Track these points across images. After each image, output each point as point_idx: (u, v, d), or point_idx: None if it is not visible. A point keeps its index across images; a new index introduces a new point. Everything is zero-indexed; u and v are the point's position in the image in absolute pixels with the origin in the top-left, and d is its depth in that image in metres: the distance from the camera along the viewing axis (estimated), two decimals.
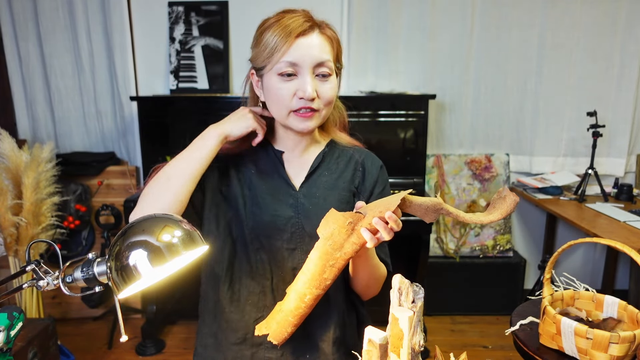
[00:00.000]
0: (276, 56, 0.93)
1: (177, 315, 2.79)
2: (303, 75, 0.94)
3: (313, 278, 0.82)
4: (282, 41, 0.92)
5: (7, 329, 0.73)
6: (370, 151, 1.14)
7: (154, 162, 2.56)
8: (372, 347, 0.63)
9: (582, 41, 2.64)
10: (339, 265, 0.82)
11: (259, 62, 0.97)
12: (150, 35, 2.70)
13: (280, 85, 0.94)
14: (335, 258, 0.81)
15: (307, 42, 0.94)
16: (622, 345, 0.96)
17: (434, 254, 2.76)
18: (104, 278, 0.69)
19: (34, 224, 2.25)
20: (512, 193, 0.84)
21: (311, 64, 0.94)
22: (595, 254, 2.94)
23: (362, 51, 2.67)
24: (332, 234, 0.80)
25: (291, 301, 0.85)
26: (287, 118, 0.97)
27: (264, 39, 0.95)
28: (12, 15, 2.65)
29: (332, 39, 0.99)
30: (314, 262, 0.82)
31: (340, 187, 1.05)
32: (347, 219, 0.80)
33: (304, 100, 0.94)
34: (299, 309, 0.84)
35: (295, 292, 0.84)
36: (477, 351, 2.47)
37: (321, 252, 0.81)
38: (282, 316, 0.86)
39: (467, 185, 2.79)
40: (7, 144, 2.24)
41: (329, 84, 0.96)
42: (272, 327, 0.88)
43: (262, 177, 1.04)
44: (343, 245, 0.81)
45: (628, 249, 1.00)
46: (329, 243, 0.80)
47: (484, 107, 2.76)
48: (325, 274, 0.81)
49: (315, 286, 0.82)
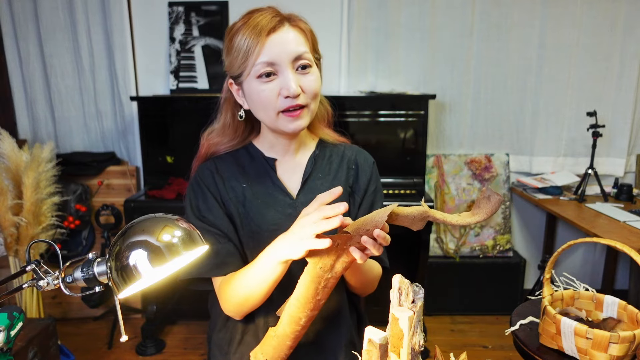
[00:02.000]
0: (251, 59, 0.89)
1: (177, 315, 2.79)
2: (283, 73, 0.90)
3: (307, 302, 0.81)
4: (254, 42, 0.88)
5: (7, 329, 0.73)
6: (360, 147, 1.11)
7: (154, 162, 2.59)
8: (372, 347, 0.63)
9: (582, 41, 2.64)
10: (331, 285, 0.81)
11: (234, 69, 0.93)
12: (150, 35, 2.70)
13: (262, 87, 0.90)
14: (326, 279, 0.80)
15: (280, 37, 0.90)
16: (622, 345, 0.96)
17: (434, 254, 2.76)
18: (104, 278, 0.69)
19: (34, 224, 2.25)
20: (495, 192, 0.83)
21: (289, 59, 0.90)
22: (595, 254, 2.94)
23: (362, 51, 2.67)
24: (322, 258, 0.79)
25: (286, 326, 0.83)
26: (276, 120, 0.93)
27: (235, 44, 0.91)
28: (12, 15, 2.65)
29: (305, 29, 0.95)
30: (306, 287, 0.80)
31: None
32: (335, 242, 0.78)
33: (290, 99, 0.90)
34: (295, 332, 0.83)
35: (289, 317, 0.83)
36: (477, 351, 2.47)
37: (312, 276, 0.80)
38: (278, 341, 0.85)
39: (467, 185, 2.79)
40: (7, 144, 2.23)
41: (310, 75, 0.93)
42: (270, 353, 0.86)
43: (256, 189, 1.00)
44: (333, 266, 0.80)
45: (628, 249, 1.00)
46: (319, 266, 0.79)
47: (484, 107, 2.76)
48: (318, 296, 0.81)
49: (309, 309, 0.81)
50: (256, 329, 1.01)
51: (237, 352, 1.03)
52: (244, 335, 1.02)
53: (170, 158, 2.55)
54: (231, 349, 1.03)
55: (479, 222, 0.85)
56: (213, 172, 1.01)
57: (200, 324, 2.76)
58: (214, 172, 1.01)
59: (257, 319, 1.01)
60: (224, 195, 0.99)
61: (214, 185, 1.00)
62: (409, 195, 2.42)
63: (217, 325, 1.07)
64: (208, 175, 1.01)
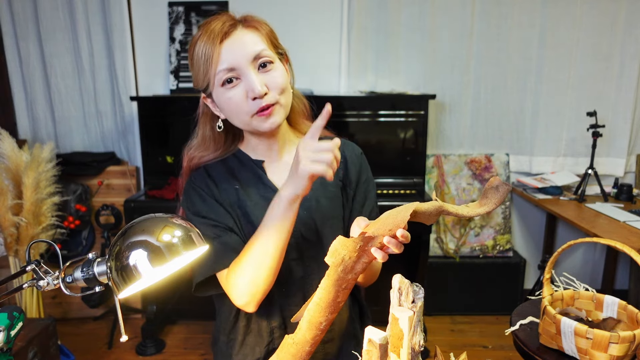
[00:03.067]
0: (212, 69, 0.89)
1: (177, 315, 2.79)
2: (245, 75, 0.89)
3: (328, 305, 0.79)
4: (210, 52, 0.88)
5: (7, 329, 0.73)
6: (346, 139, 1.10)
7: (154, 162, 2.59)
8: (372, 347, 0.63)
9: (582, 41, 2.64)
10: (351, 286, 0.81)
11: (200, 82, 0.93)
12: (150, 35, 2.70)
13: (229, 95, 0.90)
14: (347, 281, 0.79)
15: (234, 40, 0.89)
16: (622, 345, 0.96)
17: (434, 254, 2.76)
18: (104, 278, 0.69)
19: (34, 224, 2.25)
20: (504, 182, 0.83)
21: (247, 61, 0.89)
22: (595, 254, 2.94)
23: (362, 51, 2.67)
24: (343, 260, 0.78)
25: (306, 332, 0.81)
26: (250, 123, 0.93)
27: (195, 57, 0.91)
28: (12, 15, 2.65)
29: (259, 28, 0.93)
30: (327, 290, 0.79)
31: (328, 184, 1.02)
32: (357, 244, 0.77)
33: (258, 100, 0.90)
34: (315, 337, 0.82)
35: (308, 323, 0.81)
36: (477, 351, 2.47)
37: (333, 280, 0.78)
38: (297, 348, 0.83)
39: (467, 185, 2.79)
40: (7, 144, 2.24)
41: (274, 72, 0.92)
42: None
43: (248, 190, 1.00)
44: (354, 267, 0.79)
45: (628, 248, 1.00)
46: (340, 269, 0.78)
47: (484, 107, 2.76)
48: (339, 298, 0.80)
49: (330, 312, 0.80)
50: (259, 330, 1.02)
51: (240, 353, 1.03)
52: (245, 336, 1.02)
53: (170, 158, 2.55)
54: (233, 351, 1.03)
55: (488, 212, 0.85)
56: (204, 176, 1.02)
57: (200, 324, 2.76)
58: (206, 177, 1.01)
59: (259, 320, 1.01)
60: (218, 197, 0.99)
61: (208, 189, 1.00)
62: (408, 195, 2.42)
63: (220, 327, 1.07)
64: (201, 180, 1.01)
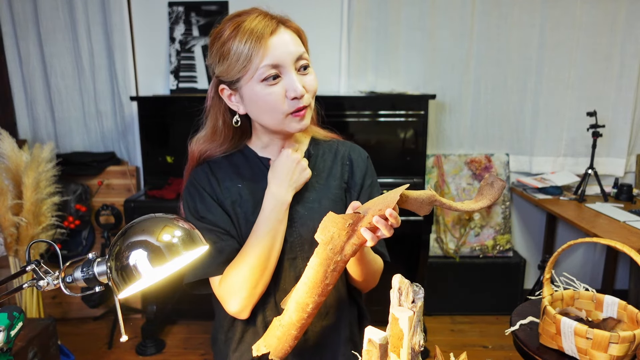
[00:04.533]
0: (254, 63, 0.88)
1: (177, 315, 2.79)
2: (288, 74, 0.90)
3: (315, 286, 0.79)
4: (257, 46, 0.88)
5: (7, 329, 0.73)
6: (353, 143, 1.11)
7: (154, 162, 2.59)
8: (372, 347, 0.63)
9: (582, 41, 2.64)
10: (340, 269, 0.80)
11: (231, 75, 0.92)
12: (150, 35, 2.70)
13: (268, 91, 0.90)
14: (336, 262, 0.79)
15: (280, 39, 0.90)
16: (622, 345, 0.96)
17: (434, 254, 2.76)
18: (104, 278, 0.69)
19: (34, 224, 2.25)
20: (498, 178, 0.84)
21: (292, 60, 0.90)
22: (595, 254, 2.94)
23: (362, 51, 2.67)
24: (332, 238, 0.78)
25: (292, 313, 0.81)
26: (282, 122, 0.93)
27: (232, 49, 0.89)
28: (12, 15, 2.65)
29: (298, 30, 0.95)
30: (315, 269, 0.79)
31: (332, 185, 1.03)
32: (346, 221, 0.78)
33: (297, 100, 0.91)
34: (302, 320, 0.81)
35: (296, 304, 0.81)
36: (477, 351, 2.47)
37: (322, 258, 0.79)
38: (283, 331, 0.83)
39: (467, 185, 2.79)
40: (7, 144, 2.24)
41: (310, 75, 0.94)
42: (273, 344, 0.84)
43: (251, 189, 1.00)
44: (343, 248, 0.79)
45: (628, 249, 1.00)
46: (329, 247, 0.78)
47: (484, 107, 2.76)
48: (327, 280, 0.79)
49: (317, 294, 0.80)
50: (256, 328, 1.02)
51: (237, 351, 1.03)
52: (243, 334, 1.03)
53: (170, 158, 2.55)
54: (231, 350, 1.03)
55: (483, 208, 0.85)
56: (207, 173, 1.02)
57: (200, 324, 2.76)
58: (209, 174, 1.01)
59: (257, 318, 1.02)
60: (219, 196, 1.00)
61: (209, 187, 1.00)
62: None
63: (218, 326, 1.08)
64: (203, 177, 1.01)
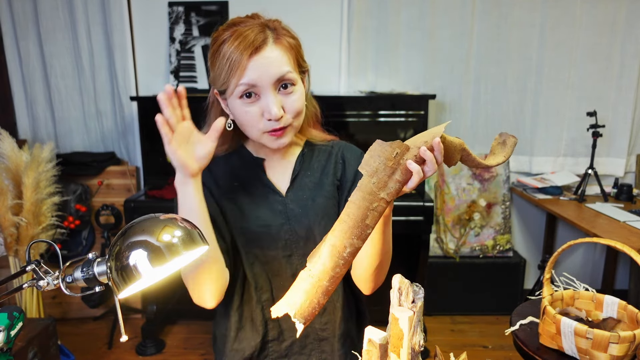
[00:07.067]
0: (233, 80, 0.88)
1: (177, 315, 2.79)
2: (265, 95, 0.89)
3: (355, 225, 0.71)
4: (236, 63, 0.86)
5: (7, 329, 0.73)
6: (347, 142, 1.12)
7: (154, 162, 2.58)
8: (372, 347, 0.63)
9: (582, 41, 2.64)
10: (381, 210, 0.73)
11: (218, 85, 0.92)
12: (150, 35, 2.70)
13: (245, 109, 0.90)
14: (378, 199, 0.72)
15: (262, 59, 0.87)
16: (622, 345, 0.96)
17: (434, 254, 2.76)
18: (104, 278, 0.69)
19: (34, 224, 2.25)
20: (510, 135, 0.82)
21: (270, 81, 0.88)
22: (595, 254, 2.94)
23: (362, 51, 2.67)
24: (377, 170, 0.72)
25: (326, 259, 0.71)
26: (260, 138, 0.94)
27: (217, 62, 0.90)
28: (12, 15, 2.65)
29: (289, 44, 0.92)
30: (357, 205, 0.71)
31: (325, 183, 1.03)
32: (394, 150, 0.71)
33: (272, 122, 0.90)
34: (337, 267, 0.71)
35: (331, 247, 0.71)
36: (477, 351, 2.47)
37: (365, 192, 0.71)
38: (313, 282, 0.70)
39: (467, 185, 2.79)
40: (7, 144, 2.23)
41: (293, 95, 0.92)
42: (299, 301, 0.70)
43: (246, 188, 1.01)
44: (387, 183, 0.72)
45: (628, 249, 1.00)
46: (374, 181, 0.71)
47: (484, 107, 2.76)
48: (367, 220, 0.72)
49: (356, 235, 0.71)
50: (253, 324, 1.02)
51: (233, 349, 1.04)
52: (238, 332, 1.04)
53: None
54: (227, 347, 1.05)
55: (499, 164, 0.83)
56: (206, 172, 1.01)
57: (200, 324, 2.76)
58: (206, 172, 1.02)
59: (252, 315, 1.02)
60: (216, 193, 1.01)
61: (209, 181, 1.01)
62: (409, 195, 2.41)
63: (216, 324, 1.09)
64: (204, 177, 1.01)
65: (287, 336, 1.03)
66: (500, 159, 0.81)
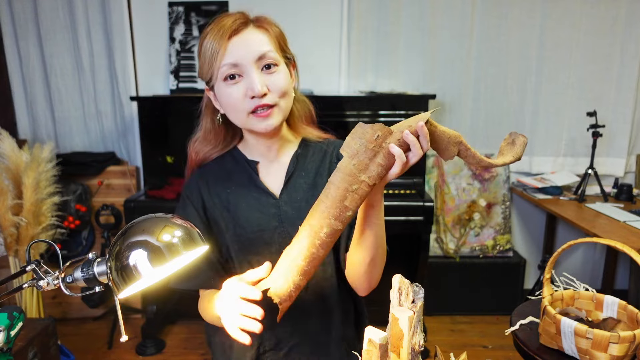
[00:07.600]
0: (216, 62, 0.90)
1: (177, 315, 2.79)
2: (248, 73, 0.90)
3: (333, 205, 0.72)
4: (218, 45, 0.90)
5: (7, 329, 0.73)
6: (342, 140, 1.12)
7: (154, 162, 2.58)
8: (372, 347, 0.63)
9: (582, 41, 2.64)
10: (362, 193, 0.73)
11: (204, 74, 0.95)
12: (150, 35, 2.70)
13: (229, 90, 0.91)
14: (359, 182, 0.72)
15: (242, 38, 0.91)
16: (622, 345, 0.96)
17: (434, 254, 2.76)
18: (104, 278, 0.70)
19: (34, 224, 2.25)
20: (520, 134, 0.81)
21: (252, 59, 0.90)
22: (595, 254, 2.94)
23: (362, 51, 2.67)
24: (358, 152, 0.72)
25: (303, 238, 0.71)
26: (247, 121, 0.94)
27: (203, 48, 0.93)
28: (12, 15, 2.65)
29: (270, 30, 0.95)
30: (336, 185, 0.72)
31: (320, 184, 1.02)
32: (375, 132, 0.71)
33: (257, 99, 0.91)
34: (313, 247, 0.72)
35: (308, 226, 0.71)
36: (477, 351, 2.47)
37: (344, 174, 0.72)
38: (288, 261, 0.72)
39: (467, 185, 2.79)
40: (7, 144, 2.23)
41: (277, 74, 0.93)
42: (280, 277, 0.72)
43: (240, 193, 1.01)
44: (368, 166, 0.72)
45: (628, 249, 1.00)
46: (354, 162, 0.71)
47: (484, 107, 2.76)
48: (346, 201, 0.72)
49: (334, 216, 0.72)
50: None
51: (235, 351, 1.03)
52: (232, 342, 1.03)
53: (170, 158, 2.55)
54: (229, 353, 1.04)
55: (505, 164, 0.81)
56: (198, 181, 1.03)
57: (200, 324, 2.76)
58: (199, 181, 1.03)
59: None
60: (207, 201, 1.01)
61: (197, 193, 1.02)
62: (409, 195, 2.42)
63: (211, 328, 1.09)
64: (194, 187, 1.03)
65: (284, 345, 1.02)
66: (509, 158, 0.80)
